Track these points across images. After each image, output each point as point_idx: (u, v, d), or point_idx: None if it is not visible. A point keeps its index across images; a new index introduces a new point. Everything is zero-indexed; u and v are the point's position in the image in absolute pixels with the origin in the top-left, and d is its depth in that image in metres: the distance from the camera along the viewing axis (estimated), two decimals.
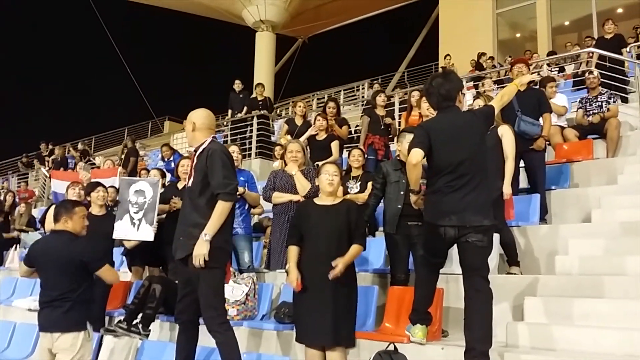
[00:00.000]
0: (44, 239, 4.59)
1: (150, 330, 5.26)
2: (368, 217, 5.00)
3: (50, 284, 4.13)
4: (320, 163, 5.14)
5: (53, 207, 6.55)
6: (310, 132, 5.10)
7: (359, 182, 5.96)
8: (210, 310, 3.80)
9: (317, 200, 4.33)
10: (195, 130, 3.98)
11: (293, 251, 4.13)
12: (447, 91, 3.80)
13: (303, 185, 5.30)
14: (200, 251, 3.67)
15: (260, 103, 12.48)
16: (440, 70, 15.77)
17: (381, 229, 5.40)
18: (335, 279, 3.94)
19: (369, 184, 5.86)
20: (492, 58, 14.59)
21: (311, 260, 4.09)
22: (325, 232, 4.06)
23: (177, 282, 4.35)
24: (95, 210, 5.79)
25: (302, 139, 5.51)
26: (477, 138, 3.74)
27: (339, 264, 3.89)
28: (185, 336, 4.06)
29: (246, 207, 5.87)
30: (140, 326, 5.19)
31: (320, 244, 4.06)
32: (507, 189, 5.02)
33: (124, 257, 6.79)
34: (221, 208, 3.73)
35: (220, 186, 3.74)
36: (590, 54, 9.82)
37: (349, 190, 5.91)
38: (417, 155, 3.68)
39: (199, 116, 4.02)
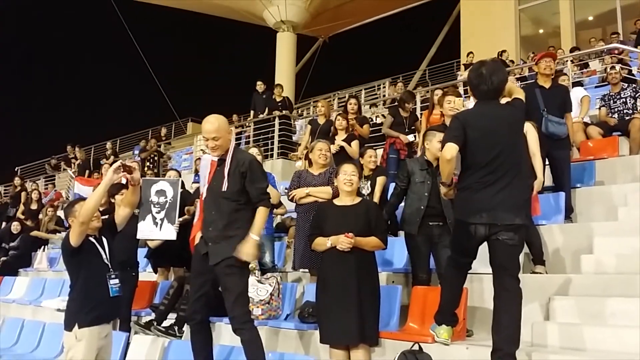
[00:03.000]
0: None
1: (184, 331, 5.33)
2: (389, 215, 4.97)
3: None
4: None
5: None
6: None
7: (369, 182, 5.96)
8: (237, 309, 3.87)
9: (336, 201, 4.35)
10: (223, 139, 4.00)
11: (320, 237, 4.19)
12: (499, 81, 3.67)
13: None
14: (252, 250, 3.89)
15: (280, 104, 12.54)
16: (462, 67, 15.68)
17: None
18: (357, 277, 3.98)
19: (379, 179, 5.88)
20: (511, 61, 14.41)
21: (333, 260, 4.12)
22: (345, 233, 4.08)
23: None
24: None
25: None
26: (515, 133, 3.65)
27: (354, 238, 3.98)
28: (202, 336, 4.14)
29: None
30: (175, 328, 5.27)
31: None
32: (539, 184, 4.99)
33: (147, 260, 6.88)
34: (264, 213, 3.99)
35: (263, 194, 3.99)
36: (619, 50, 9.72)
37: (360, 190, 5.89)
38: (451, 150, 3.58)
39: (222, 125, 4.03)
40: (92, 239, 4.09)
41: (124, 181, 4.41)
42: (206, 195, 4.10)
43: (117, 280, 4.15)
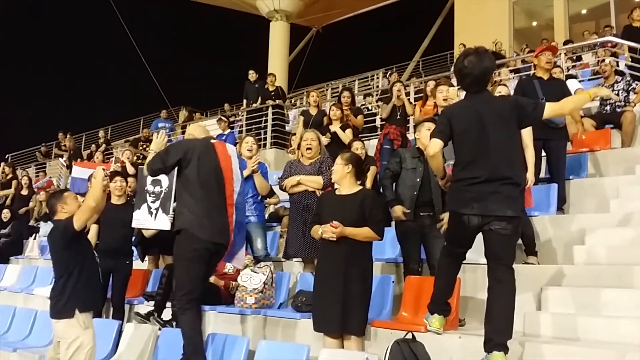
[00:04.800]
0: None
1: None
2: (390, 197, 4.83)
3: (54, 273, 4.34)
4: None
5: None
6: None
7: None
8: (175, 296, 4.37)
9: (337, 190, 4.35)
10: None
11: (317, 225, 4.21)
12: (481, 72, 3.59)
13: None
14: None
15: (272, 93, 12.50)
16: (455, 58, 15.67)
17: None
18: (348, 268, 3.99)
19: (371, 168, 5.90)
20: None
21: (325, 250, 4.16)
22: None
23: None
24: (114, 199, 5.91)
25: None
26: (505, 125, 3.52)
27: (340, 227, 3.96)
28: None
29: (259, 196, 5.89)
30: (173, 323, 5.28)
31: None
32: (531, 176, 5.00)
33: (135, 247, 6.86)
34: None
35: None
36: (613, 43, 9.75)
37: None
38: (434, 147, 3.61)
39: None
40: None
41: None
42: None
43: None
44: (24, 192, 12.29)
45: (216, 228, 4.33)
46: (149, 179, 5.69)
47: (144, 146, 13.86)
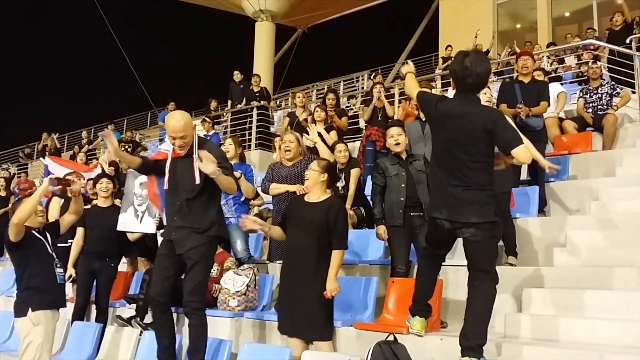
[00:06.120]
0: None
1: None
2: (378, 215, 4.87)
3: None
4: None
5: (55, 198, 6.57)
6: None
7: (343, 175, 5.98)
8: (195, 296, 4.03)
9: (306, 197, 4.36)
10: (189, 137, 4.05)
11: (276, 227, 4.36)
12: (485, 73, 3.52)
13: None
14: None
15: (257, 94, 12.46)
16: (440, 60, 15.73)
17: None
18: (312, 273, 4.03)
19: (352, 172, 5.90)
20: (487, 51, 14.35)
21: (288, 254, 4.23)
22: (302, 230, 4.13)
23: None
24: (100, 202, 5.86)
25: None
26: (480, 132, 3.43)
27: (328, 283, 3.97)
28: (165, 317, 4.23)
29: (242, 198, 5.86)
30: None
31: (296, 240, 4.16)
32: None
33: None
34: (223, 178, 4.02)
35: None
36: (595, 46, 9.85)
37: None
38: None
39: (188, 123, 4.06)
40: (34, 232, 4.37)
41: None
42: (169, 187, 4.17)
43: (61, 270, 4.46)
44: (2, 193, 12.11)
45: None
46: (137, 181, 5.67)
47: (126, 147, 13.73)
